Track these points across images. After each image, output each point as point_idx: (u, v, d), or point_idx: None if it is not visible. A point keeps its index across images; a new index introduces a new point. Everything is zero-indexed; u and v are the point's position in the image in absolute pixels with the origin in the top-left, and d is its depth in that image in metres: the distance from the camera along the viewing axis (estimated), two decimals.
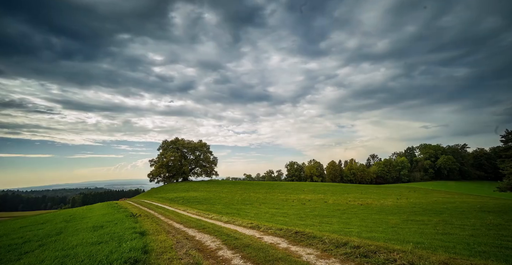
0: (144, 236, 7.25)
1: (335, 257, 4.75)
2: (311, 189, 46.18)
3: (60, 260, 5.29)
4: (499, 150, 61.68)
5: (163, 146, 69.32)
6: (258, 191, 40.73)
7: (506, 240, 7.16)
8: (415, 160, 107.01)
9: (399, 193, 41.51)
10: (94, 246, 6.27)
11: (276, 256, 4.85)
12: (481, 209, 15.64)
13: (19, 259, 6.03)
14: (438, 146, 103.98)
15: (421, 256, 4.29)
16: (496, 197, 35.81)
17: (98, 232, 8.45)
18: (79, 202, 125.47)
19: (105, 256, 5.18)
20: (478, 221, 11.07)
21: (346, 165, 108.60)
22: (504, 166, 46.29)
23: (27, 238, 8.93)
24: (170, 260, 4.91)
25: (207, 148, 72.82)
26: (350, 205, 22.13)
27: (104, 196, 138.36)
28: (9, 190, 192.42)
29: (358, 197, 32.45)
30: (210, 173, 71.71)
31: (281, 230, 7.28)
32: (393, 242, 6.35)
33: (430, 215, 14.03)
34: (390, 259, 4.27)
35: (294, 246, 5.69)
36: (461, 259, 4.19)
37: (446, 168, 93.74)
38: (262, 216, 13.82)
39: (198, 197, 26.77)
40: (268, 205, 22.58)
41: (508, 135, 46.78)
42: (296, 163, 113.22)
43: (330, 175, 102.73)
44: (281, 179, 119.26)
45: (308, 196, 33.14)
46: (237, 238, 6.65)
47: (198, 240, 6.73)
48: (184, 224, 9.62)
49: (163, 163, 63.77)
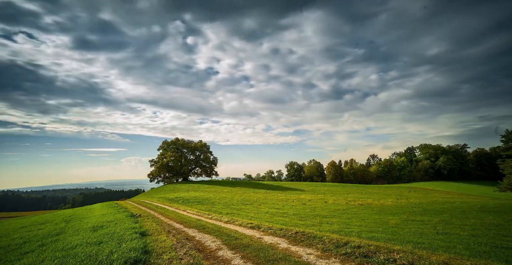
0: (144, 236, 7.25)
1: (335, 257, 4.75)
2: (311, 189, 46.18)
3: (60, 260, 5.29)
4: (499, 150, 61.71)
5: (163, 146, 69.28)
6: (258, 191, 40.72)
7: (506, 240, 7.16)
8: (415, 160, 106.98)
9: (399, 193, 41.50)
10: (94, 246, 6.27)
11: (276, 256, 4.84)
12: (481, 209, 15.63)
13: (19, 259, 6.02)
14: (438, 146, 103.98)
15: (421, 256, 4.29)
16: (496, 197, 35.79)
17: (98, 232, 8.45)
18: (79, 202, 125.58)
19: (105, 256, 5.18)
20: (478, 221, 11.07)
21: (346, 165, 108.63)
22: (504, 166, 46.38)
23: (27, 238, 8.93)
24: (170, 260, 4.91)
25: (207, 148, 72.81)
26: (350, 205, 22.12)
27: (104, 196, 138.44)
28: (9, 190, 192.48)
29: (358, 197, 32.44)
30: (210, 173, 71.71)
31: (281, 230, 7.28)
32: (393, 242, 6.35)
33: (430, 215, 14.02)
34: (390, 259, 4.27)
35: (294, 246, 5.69)
36: (461, 259, 4.19)
37: (446, 168, 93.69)
38: (262, 216, 13.81)
39: (198, 197, 26.76)
40: (268, 205, 22.57)
41: (508, 135, 46.81)
42: (296, 163, 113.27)
43: (330, 175, 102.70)
44: (281, 179, 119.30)
45: (308, 196, 33.13)
46: (237, 238, 6.65)
47: (198, 240, 6.73)
48: (184, 224, 9.62)
49: (163, 163, 63.76)
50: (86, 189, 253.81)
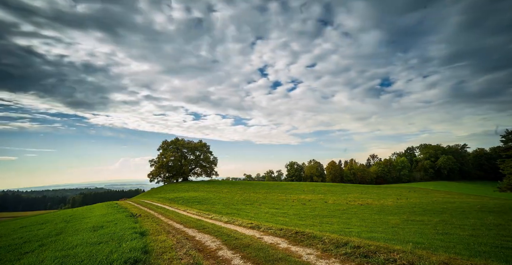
0: (144, 236, 7.25)
1: (335, 257, 4.75)
2: (311, 189, 46.19)
3: (60, 260, 5.29)
4: (499, 150, 61.69)
5: (163, 146, 69.27)
6: (258, 191, 40.71)
7: (506, 240, 7.16)
8: (415, 160, 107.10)
9: (399, 193, 41.51)
10: (94, 246, 6.27)
11: (276, 256, 4.84)
12: (481, 209, 15.63)
13: (19, 259, 6.02)
14: (438, 146, 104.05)
15: (421, 256, 4.29)
16: (496, 197, 35.79)
17: (98, 232, 8.45)
18: (79, 202, 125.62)
19: (105, 256, 5.18)
20: (478, 221, 11.07)
21: (346, 165, 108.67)
22: (504, 166, 46.37)
23: (27, 238, 8.93)
24: (170, 260, 4.91)
25: (207, 148, 72.85)
26: (350, 205, 22.12)
27: (104, 196, 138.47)
28: (9, 190, 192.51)
29: (358, 197, 32.45)
30: (210, 173, 71.74)
31: (281, 230, 7.28)
32: (393, 242, 6.35)
33: (430, 215, 14.03)
34: (390, 259, 4.26)
35: (294, 246, 5.68)
36: (462, 259, 4.19)
37: (446, 168, 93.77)
38: (262, 216, 13.81)
39: (198, 197, 26.75)
40: (268, 205, 22.57)
41: (508, 135, 46.83)
42: (296, 163, 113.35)
43: (330, 175, 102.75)
44: (281, 179, 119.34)
45: (308, 196, 33.13)
46: (237, 238, 6.65)
47: (198, 240, 6.73)
48: (184, 224, 9.62)
49: (163, 163, 63.76)
50: (86, 189, 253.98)
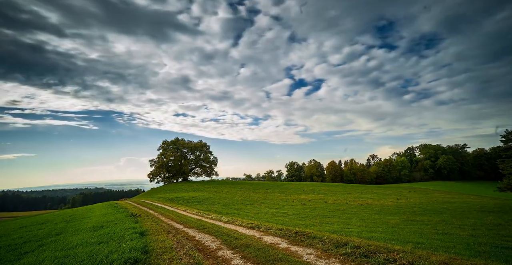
0: (144, 236, 7.24)
1: (335, 257, 4.75)
2: (311, 189, 46.18)
3: (60, 260, 5.29)
4: (499, 150, 61.71)
5: (163, 146, 69.28)
6: (258, 191, 40.71)
7: (506, 240, 7.16)
8: (415, 160, 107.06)
9: (399, 193, 41.51)
10: (94, 246, 6.27)
11: (276, 256, 4.84)
12: (481, 209, 15.63)
13: (19, 259, 6.02)
14: (438, 146, 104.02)
15: (421, 256, 4.29)
16: (496, 197, 35.81)
17: (98, 232, 8.45)
18: (79, 202, 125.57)
19: (105, 256, 5.18)
20: (478, 221, 11.07)
21: (346, 165, 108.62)
22: (504, 166, 46.33)
23: (27, 238, 8.93)
24: (170, 260, 4.91)
25: (207, 148, 72.86)
26: (350, 205, 22.12)
27: (104, 196, 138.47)
28: (9, 190, 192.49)
29: (358, 197, 32.45)
30: (210, 173, 71.73)
31: (281, 230, 7.28)
32: (393, 242, 6.35)
33: (430, 215, 14.03)
34: (390, 259, 4.27)
35: (294, 246, 5.69)
36: (461, 259, 4.19)
37: (446, 168, 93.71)
38: (262, 216, 13.81)
39: (198, 197, 26.76)
40: (268, 205, 22.57)
41: (508, 135, 46.81)
42: (296, 163, 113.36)
43: (330, 175, 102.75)
44: (281, 179, 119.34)
45: (308, 196, 33.13)
46: (237, 238, 6.65)
47: (198, 240, 6.73)
48: (184, 224, 9.62)
49: (163, 163, 63.77)
50: (86, 189, 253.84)
